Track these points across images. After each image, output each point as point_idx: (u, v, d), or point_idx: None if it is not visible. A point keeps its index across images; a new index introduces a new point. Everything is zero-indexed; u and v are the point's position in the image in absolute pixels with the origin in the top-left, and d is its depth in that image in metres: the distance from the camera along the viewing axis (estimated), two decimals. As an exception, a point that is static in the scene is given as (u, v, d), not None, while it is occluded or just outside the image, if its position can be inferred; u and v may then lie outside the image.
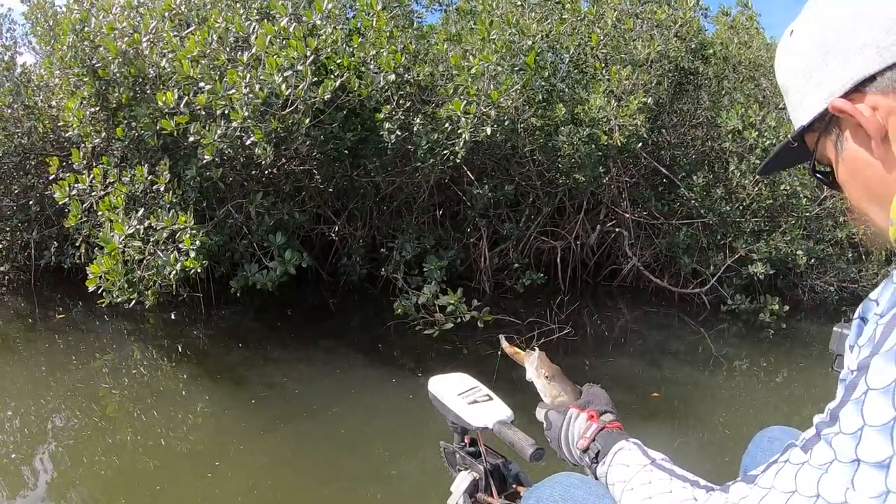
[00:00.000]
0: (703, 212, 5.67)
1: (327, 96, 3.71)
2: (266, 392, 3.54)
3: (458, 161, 4.31)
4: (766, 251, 5.42)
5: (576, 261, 6.46)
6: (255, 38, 3.70)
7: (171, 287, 3.73)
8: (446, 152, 4.29)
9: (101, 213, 3.71)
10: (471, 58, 4.20)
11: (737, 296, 5.58)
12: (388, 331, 4.67)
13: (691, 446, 3.07)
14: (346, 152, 4.47)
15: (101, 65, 4.10)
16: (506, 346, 1.31)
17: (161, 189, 3.82)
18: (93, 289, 3.60)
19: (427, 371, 3.39)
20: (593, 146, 4.91)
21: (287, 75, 3.57)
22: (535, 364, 1.18)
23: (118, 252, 3.55)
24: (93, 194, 3.86)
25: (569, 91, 5.13)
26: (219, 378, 3.79)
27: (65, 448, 2.87)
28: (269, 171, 4.60)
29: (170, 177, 3.85)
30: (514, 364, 1.27)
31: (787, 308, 5.39)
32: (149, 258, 3.62)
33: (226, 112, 3.59)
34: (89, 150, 4.26)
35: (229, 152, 3.81)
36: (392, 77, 4.07)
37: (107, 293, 3.61)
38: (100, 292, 3.62)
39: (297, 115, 3.70)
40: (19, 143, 5.14)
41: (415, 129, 4.32)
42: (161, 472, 2.65)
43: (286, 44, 3.64)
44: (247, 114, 3.51)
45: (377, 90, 4.11)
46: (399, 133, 4.17)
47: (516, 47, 4.36)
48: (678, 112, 6.35)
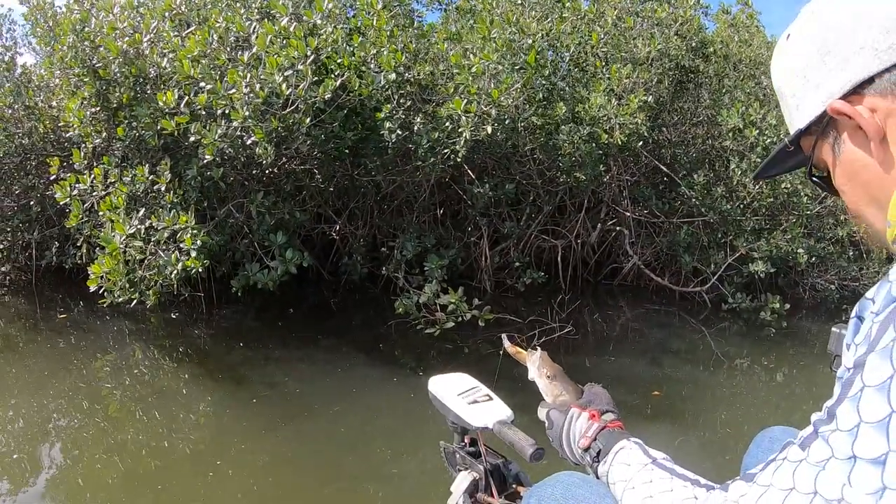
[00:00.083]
0: (703, 210, 5.66)
1: (328, 96, 3.71)
2: (267, 391, 3.54)
3: (458, 160, 4.31)
4: (766, 249, 5.41)
5: (576, 259, 6.46)
6: (255, 37, 3.70)
7: (172, 287, 3.74)
8: (447, 151, 4.29)
9: (103, 213, 3.72)
10: (471, 56, 4.20)
11: (738, 294, 5.58)
12: (389, 330, 4.67)
13: (692, 445, 3.07)
14: (347, 151, 4.47)
15: (102, 65, 4.10)
16: (508, 345, 1.31)
17: (162, 189, 3.83)
18: (94, 289, 3.61)
19: (428, 370, 3.40)
20: (594, 145, 4.91)
21: (287, 75, 3.57)
22: (537, 363, 1.18)
23: (119, 252, 3.56)
24: (94, 194, 3.86)
25: (569, 89, 5.13)
26: (220, 377, 3.80)
27: (66, 448, 2.88)
28: (270, 171, 4.60)
29: (171, 177, 3.85)
30: (515, 363, 1.28)
31: (787, 306, 5.38)
32: (150, 258, 3.62)
33: (226, 112, 3.60)
34: (90, 150, 4.26)
35: (230, 152, 3.82)
36: (392, 76, 4.07)
37: (108, 293, 3.61)
38: (101, 292, 3.62)
39: (298, 115, 3.70)
40: (20, 143, 5.14)
41: (415, 128, 4.32)
42: (162, 471, 2.66)
43: (287, 43, 3.65)
44: (247, 113, 3.52)
45: (378, 89, 4.11)
46: (400, 132, 4.17)
47: (517, 46, 4.36)
48: (679, 110, 6.35)
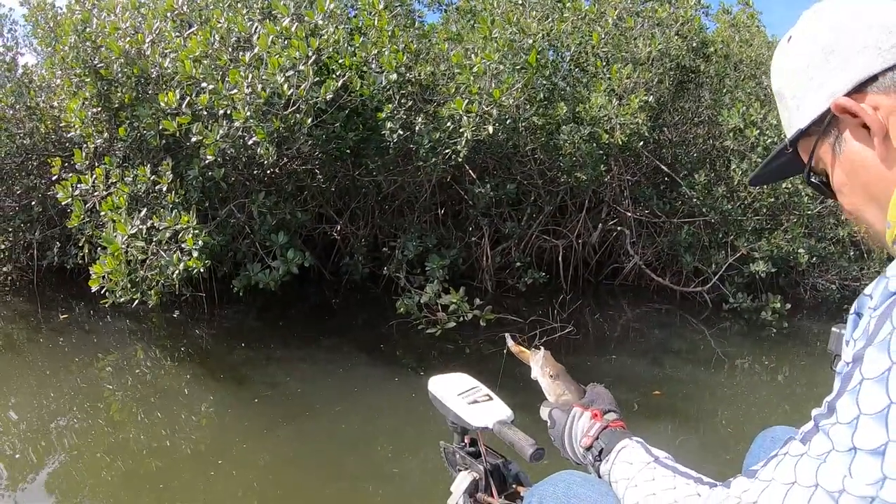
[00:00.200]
0: (704, 210, 5.67)
1: (329, 96, 3.72)
2: (269, 391, 3.55)
3: (459, 160, 4.32)
4: (767, 249, 5.41)
5: (577, 259, 6.46)
6: (257, 38, 3.71)
7: (173, 287, 3.74)
8: (448, 151, 4.29)
9: (104, 213, 3.72)
10: (473, 56, 4.20)
11: (738, 294, 5.58)
12: (390, 330, 4.68)
13: (693, 445, 3.07)
14: (348, 152, 4.47)
15: (104, 65, 4.10)
16: (511, 344, 1.31)
17: (163, 189, 3.83)
18: (96, 289, 3.61)
19: (429, 370, 3.40)
20: (594, 145, 4.91)
21: (289, 75, 3.58)
22: (540, 363, 1.19)
23: (121, 252, 3.56)
24: (95, 194, 3.87)
25: (570, 90, 5.14)
26: (221, 377, 3.80)
27: (68, 448, 2.88)
28: (272, 171, 4.61)
29: (172, 177, 3.86)
30: (518, 362, 1.28)
31: (788, 306, 5.38)
32: (152, 258, 3.63)
33: (228, 112, 3.60)
34: (91, 150, 4.26)
35: (231, 152, 3.82)
36: (394, 76, 4.07)
37: (110, 293, 3.61)
38: (103, 292, 3.63)
39: (300, 115, 3.71)
40: (21, 143, 5.15)
41: (417, 129, 4.33)
42: (164, 470, 2.66)
43: (288, 44, 3.65)
44: (249, 114, 3.52)
45: (379, 89, 4.11)
46: (401, 132, 4.17)
47: (517, 46, 4.36)
48: (679, 110, 6.35)
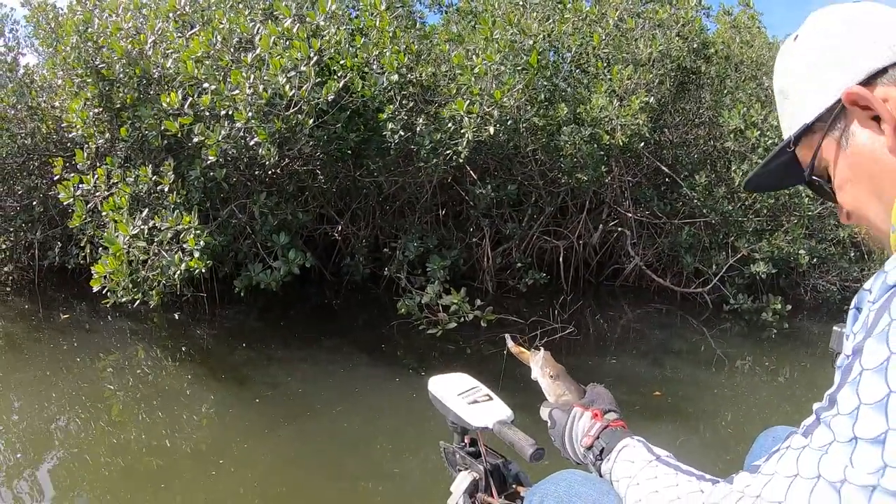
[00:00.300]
0: (705, 211, 5.67)
1: (331, 97, 3.73)
2: (270, 391, 3.55)
3: (460, 161, 4.32)
4: (768, 250, 5.41)
5: (578, 260, 6.46)
6: (258, 38, 3.71)
7: (175, 287, 3.75)
8: (449, 152, 4.29)
9: (106, 213, 3.73)
10: (474, 57, 4.21)
11: (739, 295, 5.58)
12: (391, 330, 4.68)
13: (693, 445, 3.07)
14: (350, 152, 4.48)
15: (105, 65, 4.11)
16: (512, 345, 1.32)
17: (165, 189, 3.84)
18: (97, 289, 3.62)
19: (430, 370, 3.40)
20: (595, 146, 4.92)
21: (291, 76, 3.58)
22: (541, 363, 1.19)
23: (123, 252, 3.56)
24: (97, 195, 3.87)
25: (571, 90, 5.14)
26: (223, 378, 3.81)
27: (69, 448, 2.89)
28: (273, 172, 4.61)
29: (174, 177, 3.86)
30: (519, 363, 1.28)
31: (789, 307, 5.38)
32: (153, 258, 3.63)
33: (230, 113, 3.61)
34: (93, 150, 4.27)
35: (233, 153, 3.83)
36: (395, 77, 4.08)
37: (111, 293, 3.62)
38: (104, 292, 3.63)
39: (301, 116, 3.71)
40: (23, 143, 5.16)
41: (418, 129, 4.33)
42: (165, 470, 2.67)
43: (290, 44, 3.66)
44: (250, 114, 3.53)
45: (380, 90, 4.12)
46: (402, 133, 4.18)
47: (518, 47, 4.37)
48: (680, 111, 6.35)
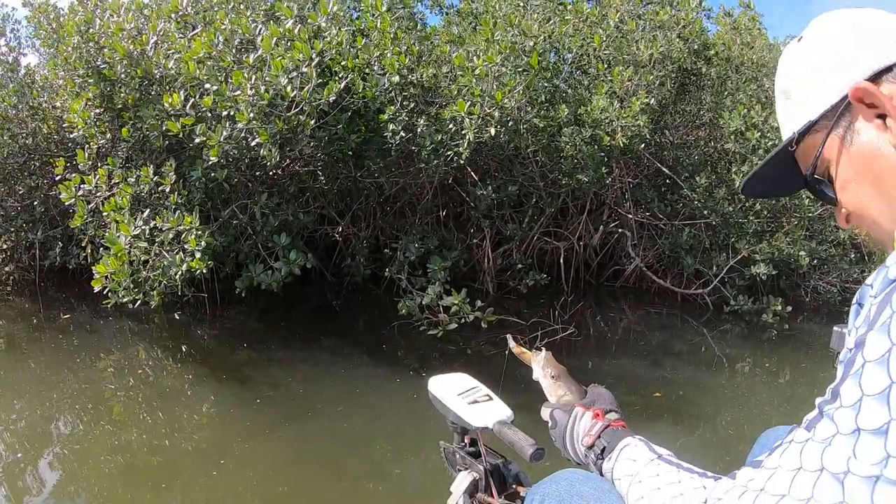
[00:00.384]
0: (705, 212, 5.67)
1: (332, 98, 3.73)
2: (271, 392, 3.56)
3: (461, 162, 4.33)
4: (768, 252, 5.41)
5: (579, 261, 6.47)
6: (260, 39, 3.72)
7: (176, 287, 3.75)
8: (450, 153, 4.30)
9: (107, 213, 3.73)
10: (475, 59, 4.21)
11: (739, 296, 5.58)
12: (392, 331, 4.69)
13: (694, 446, 3.08)
14: (351, 153, 4.48)
15: (107, 66, 4.12)
16: (513, 345, 1.32)
17: (166, 190, 3.84)
18: (98, 289, 3.62)
19: (431, 371, 3.40)
20: (596, 147, 4.92)
21: (292, 77, 3.59)
22: (542, 364, 1.19)
23: (124, 253, 3.57)
24: (98, 195, 3.88)
25: (572, 92, 5.15)
26: (224, 378, 3.81)
27: (70, 447, 2.89)
28: (274, 172, 4.62)
29: (175, 178, 3.87)
30: (520, 364, 1.29)
31: (789, 309, 5.38)
32: (154, 259, 3.64)
33: (231, 113, 3.61)
34: (94, 150, 4.28)
35: (234, 153, 3.83)
36: (396, 78, 4.09)
37: (112, 293, 3.62)
38: (105, 293, 3.64)
39: (302, 117, 3.72)
40: (24, 143, 5.16)
41: (418, 131, 4.34)
42: (166, 470, 2.67)
43: (291, 45, 3.66)
44: (252, 115, 3.53)
45: (381, 91, 4.13)
46: (403, 134, 4.19)
47: (519, 48, 4.37)
48: (681, 113, 6.36)
